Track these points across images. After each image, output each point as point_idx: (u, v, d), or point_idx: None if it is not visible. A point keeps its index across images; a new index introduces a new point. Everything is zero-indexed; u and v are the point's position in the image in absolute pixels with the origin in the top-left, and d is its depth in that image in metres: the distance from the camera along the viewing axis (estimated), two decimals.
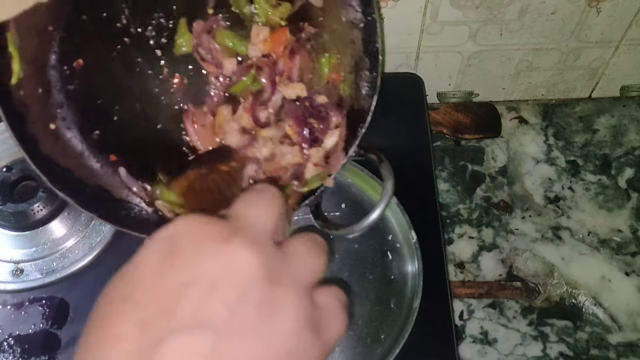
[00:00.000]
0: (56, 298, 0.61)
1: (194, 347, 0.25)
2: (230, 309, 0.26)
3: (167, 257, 0.27)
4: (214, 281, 0.26)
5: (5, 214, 0.62)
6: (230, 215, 0.30)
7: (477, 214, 0.71)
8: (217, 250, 0.27)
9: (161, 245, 0.28)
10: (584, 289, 0.65)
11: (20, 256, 0.63)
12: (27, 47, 0.42)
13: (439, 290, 0.60)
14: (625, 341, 0.62)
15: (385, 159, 0.54)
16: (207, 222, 0.29)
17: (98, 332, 0.27)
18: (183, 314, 0.26)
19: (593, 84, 0.77)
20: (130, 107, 0.48)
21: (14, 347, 0.59)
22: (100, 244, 0.63)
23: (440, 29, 0.67)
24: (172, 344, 0.25)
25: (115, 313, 0.27)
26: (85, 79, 0.46)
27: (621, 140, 0.75)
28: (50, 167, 0.44)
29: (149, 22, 0.47)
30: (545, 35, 0.68)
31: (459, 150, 0.75)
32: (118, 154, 0.48)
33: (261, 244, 0.28)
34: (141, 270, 0.28)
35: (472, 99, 0.79)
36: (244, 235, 0.28)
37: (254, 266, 0.27)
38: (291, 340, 0.27)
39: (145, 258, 0.28)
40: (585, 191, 0.72)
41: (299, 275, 0.29)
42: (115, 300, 0.28)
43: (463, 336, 0.63)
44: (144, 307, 0.26)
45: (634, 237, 0.68)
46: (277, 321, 0.27)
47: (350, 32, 0.51)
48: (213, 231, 0.28)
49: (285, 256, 0.29)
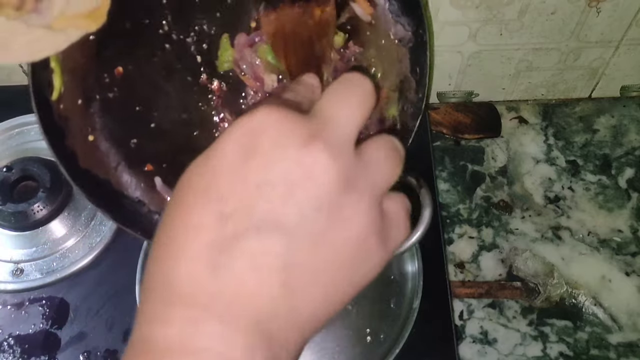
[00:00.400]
0: (56, 298, 0.61)
1: (269, 246, 0.26)
2: (304, 215, 0.27)
3: (246, 152, 0.27)
4: (291, 185, 0.27)
5: (5, 214, 0.62)
6: (316, 110, 0.29)
7: (477, 214, 0.71)
8: (296, 153, 0.27)
9: (241, 138, 0.28)
10: (584, 289, 0.65)
11: (20, 256, 0.63)
12: (68, 58, 0.41)
13: (439, 290, 0.61)
14: (626, 341, 0.62)
15: (425, 185, 0.54)
16: (289, 119, 0.28)
17: (178, 220, 0.27)
18: (261, 213, 0.26)
19: (593, 84, 0.77)
20: (167, 114, 0.48)
21: (14, 347, 0.59)
22: (100, 244, 0.63)
23: (440, 29, 0.67)
24: (250, 241, 0.26)
25: (196, 203, 0.27)
26: (124, 87, 0.45)
27: (621, 141, 0.75)
28: (88, 180, 0.44)
29: (190, 29, 0.47)
30: (545, 35, 0.68)
31: (459, 150, 0.75)
32: (154, 163, 0.48)
33: (342, 150, 0.28)
34: (221, 161, 0.28)
35: (472, 99, 0.79)
36: (325, 139, 0.27)
37: (331, 174, 0.27)
38: (358, 246, 0.28)
39: (225, 149, 0.28)
40: (585, 191, 0.72)
41: (373, 183, 0.29)
42: (195, 190, 0.28)
43: (463, 336, 0.63)
44: (225, 200, 0.27)
45: (634, 237, 0.68)
46: (347, 227, 0.28)
47: (397, 50, 0.50)
48: (295, 131, 0.27)
49: (363, 164, 0.29)
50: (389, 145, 0.31)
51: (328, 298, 0.28)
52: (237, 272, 0.26)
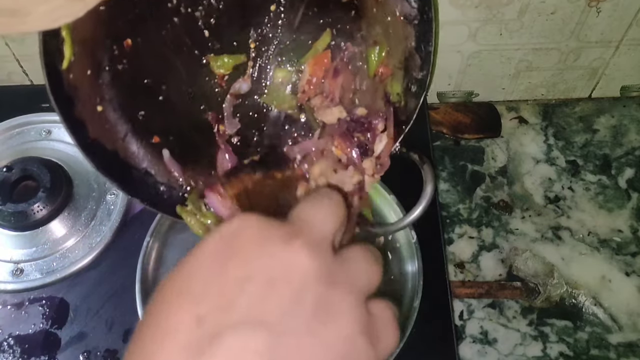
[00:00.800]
0: (56, 298, 0.61)
1: (250, 344, 0.25)
2: (286, 308, 0.26)
3: (226, 252, 0.28)
4: (272, 279, 0.27)
5: (5, 214, 0.62)
6: (292, 217, 0.30)
7: (477, 214, 0.71)
8: (276, 249, 0.27)
9: (221, 240, 0.28)
10: (584, 289, 0.65)
11: (20, 256, 0.63)
12: (79, 29, 0.41)
13: (439, 290, 0.60)
14: (626, 341, 0.62)
15: (428, 161, 0.54)
16: (268, 222, 0.29)
17: (154, 323, 0.27)
18: (240, 309, 0.26)
19: (593, 84, 0.77)
20: (175, 87, 0.49)
21: (14, 347, 0.59)
22: (100, 244, 0.63)
23: (440, 29, 0.67)
24: (229, 339, 0.25)
25: (172, 305, 0.27)
26: (133, 59, 0.46)
27: (621, 141, 0.75)
28: (97, 151, 0.45)
29: (199, 2, 0.47)
30: (545, 35, 0.68)
31: (458, 150, 0.75)
32: (161, 135, 0.49)
33: (321, 247, 0.29)
34: (199, 263, 0.28)
35: (472, 98, 0.79)
36: (304, 238, 0.28)
37: (312, 268, 0.27)
38: (346, 344, 0.27)
39: (204, 252, 0.28)
40: (585, 191, 0.72)
41: (355, 281, 0.29)
42: (172, 292, 0.28)
43: (463, 336, 0.63)
44: (201, 301, 0.26)
45: (634, 237, 0.68)
46: (333, 324, 0.27)
47: (403, 28, 0.50)
48: (274, 231, 0.28)
49: (344, 262, 0.29)
50: (366, 249, 0.31)
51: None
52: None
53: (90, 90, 0.44)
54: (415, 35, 0.50)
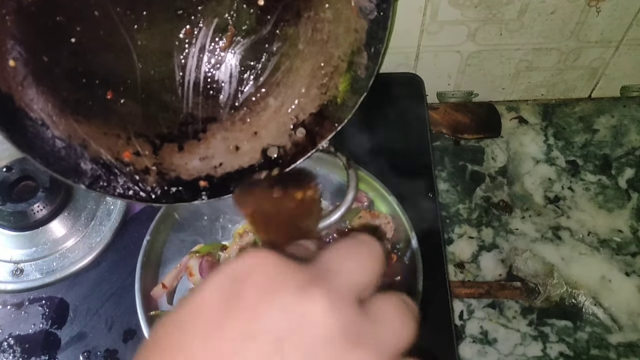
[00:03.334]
0: (56, 298, 0.61)
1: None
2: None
3: (230, 301, 0.23)
4: (280, 338, 0.22)
5: (5, 214, 0.62)
6: (315, 261, 0.26)
7: (477, 214, 0.70)
8: (290, 301, 0.23)
9: (226, 284, 0.24)
10: (584, 289, 0.65)
11: (20, 256, 0.63)
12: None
13: (439, 290, 0.60)
14: (626, 341, 0.62)
15: (354, 166, 0.51)
16: (285, 264, 0.24)
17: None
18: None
19: (593, 84, 0.77)
20: (91, 32, 0.45)
21: (14, 347, 0.59)
22: (100, 244, 0.63)
23: (440, 29, 0.67)
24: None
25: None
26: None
27: (621, 141, 0.75)
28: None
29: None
30: (545, 35, 0.68)
31: (458, 150, 0.75)
32: (67, 83, 0.45)
33: (345, 300, 0.24)
34: (196, 313, 0.24)
35: (472, 99, 0.79)
36: (325, 287, 0.23)
37: (330, 325, 0.23)
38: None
39: (203, 298, 0.24)
40: (585, 191, 0.72)
41: (382, 341, 0.24)
42: (163, 349, 0.24)
43: (463, 336, 0.63)
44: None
45: (634, 237, 0.68)
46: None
47: (355, 20, 0.48)
48: (290, 276, 0.24)
49: (369, 317, 0.25)
50: (400, 302, 0.27)
51: None
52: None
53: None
54: (367, 31, 0.48)
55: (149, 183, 0.50)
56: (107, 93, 0.49)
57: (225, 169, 0.53)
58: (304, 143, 0.53)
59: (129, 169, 0.49)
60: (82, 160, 0.47)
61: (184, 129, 0.53)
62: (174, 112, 0.53)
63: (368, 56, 0.49)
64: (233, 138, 0.54)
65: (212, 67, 0.53)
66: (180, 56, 0.52)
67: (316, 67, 0.51)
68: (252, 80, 0.53)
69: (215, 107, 0.54)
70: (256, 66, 0.53)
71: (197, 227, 0.63)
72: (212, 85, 0.53)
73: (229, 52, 0.53)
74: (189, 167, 0.52)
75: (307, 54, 0.52)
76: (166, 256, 0.62)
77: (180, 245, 0.62)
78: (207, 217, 0.63)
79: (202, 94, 0.53)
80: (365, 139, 0.69)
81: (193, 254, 0.60)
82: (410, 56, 0.72)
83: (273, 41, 0.52)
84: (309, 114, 0.53)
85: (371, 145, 0.68)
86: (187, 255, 0.60)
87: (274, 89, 0.54)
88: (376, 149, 0.68)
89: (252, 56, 0.53)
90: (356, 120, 0.71)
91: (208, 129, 0.54)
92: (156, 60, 0.51)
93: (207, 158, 0.53)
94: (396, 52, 0.71)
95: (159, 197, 0.50)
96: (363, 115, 0.71)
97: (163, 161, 0.51)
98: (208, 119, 0.54)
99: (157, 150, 0.51)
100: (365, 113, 0.71)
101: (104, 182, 0.48)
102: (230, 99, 0.54)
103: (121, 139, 0.49)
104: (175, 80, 0.52)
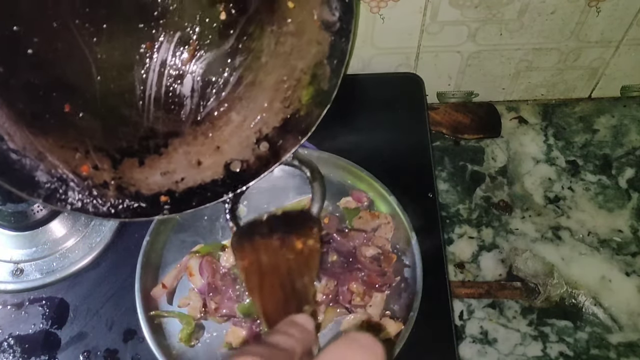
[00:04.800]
0: (56, 298, 0.61)
1: None
2: None
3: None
4: None
5: (5, 214, 0.62)
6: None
7: (477, 214, 0.70)
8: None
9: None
10: (584, 289, 0.65)
11: (20, 256, 0.63)
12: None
13: (439, 290, 0.60)
14: (626, 341, 0.62)
15: (319, 179, 0.50)
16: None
17: None
18: None
19: (593, 84, 0.77)
20: (49, 43, 0.45)
21: (14, 347, 0.59)
22: (100, 244, 0.63)
23: (440, 29, 0.67)
24: None
25: None
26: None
27: (622, 141, 0.75)
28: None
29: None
30: (545, 35, 0.68)
31: (458, 150, 0.75)
32: (23, 93, 0.44)
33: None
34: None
35: (472, 99, 0.79)
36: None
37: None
38: None
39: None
40: (585, 191, 0.72)
41: None
42: None
43: (463, 336, 0.63)
44: None
45: (634, 237, 0.68)
46: None
47: (318, 32, 0.48)
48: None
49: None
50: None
51: None
52: None
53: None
54: (330, 44, 0.48)
55: (108, 197, 0.49)
56: (65, 106, 0.48)
57: (188, 184, 0.53)
58: (267, 157, 0.53)
59: (87, 183, 0.48)
60: (38, 173, 0.46)
61: (144, 143, 0.52)
62: (134, 126, 0.52)
63: (331, 68, 0.49)
64: (195, 152, 0.53)
65: (173, 81, 0.53)
66: (141, 70, 0.51)
67: (279, 80, 0.51)
68: (215, 94, 0.53)
69: (176, 121, 0.53)
70: (218, 80, 0.53)
71: (197, 228, 0.63)
72: (173, 99, 0.53)
73: (191, 66, 0.53)
74: (150, 182, 0.52)
75: (270, 67, 0.52)
76: (166, 256, 0.62)
77: (181, 245, 0.62)
78: (207, 217, 0.63)
79: (164, 108, 0.53)
80: (365, 139, 0.69)
81: (193, 254, 0.60)
82: (411, 56, 0.72)
83: (236, 55, 0.52)
84: (273, 127, 0.53)
85: (371, 145, 0.68)
86: (187, 255, 0.60)
87: (236, 104, 0.53)
88: (376, 149, 0.68)
89: (214, 70, 0.53)
90: (356, 120, 0.71)
91: (170, 144, 0.53)
92: (116, 74, 0.50)
93: (169, 173, 0.52)
94: (396, 52, 0.71)
95: (119, 212, 0.50)
96: (363, 115, 0.71)
97: (123, 175, 0.51)
98: (170, 134, 0.53)
99: (116, 165, 0.51)
100: (365, 113, 0.72)
101: (60, 196, 0.47)
102: (192, 113, 0.54)
103: (79, 152, 0.49)
104: (135, 95, 0.52)
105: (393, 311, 0.59)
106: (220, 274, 0.58)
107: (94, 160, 0.49)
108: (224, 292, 0.57)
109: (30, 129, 0.46)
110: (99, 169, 0.49)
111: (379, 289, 0.57)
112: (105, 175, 0.49)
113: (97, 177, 0.49)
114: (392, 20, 0.66)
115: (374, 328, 0.49)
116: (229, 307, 0.56)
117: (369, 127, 0.70)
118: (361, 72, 0.74)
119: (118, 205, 0.50)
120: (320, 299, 0.57)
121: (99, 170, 0.49)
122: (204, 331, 0.58)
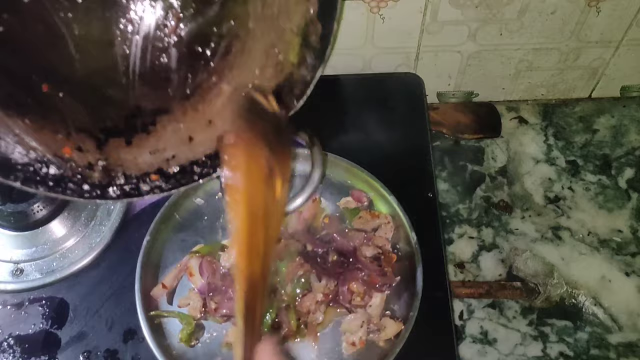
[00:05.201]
0: (56, 298, 0.61)
1: None
2: None
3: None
4: None
5: (5, 214, 0.62)
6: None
7: (477, 214, 0.70)
8: None
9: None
10: (584, 289, 0.65)
11: (20, 256, 0.63)
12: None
13: (439, 290, 0.60)
14: (625, 341, 0.62)
15: (318, 144, 0.48)
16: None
17: None
18: None
19: (593, 84, 0.77)
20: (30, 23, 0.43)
21: (14, 347, 0.59)
22: (100, 244, 0.63)
23: (440, 29, 0.67)
24: None
25: None
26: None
27: (621, 141, 0.75)
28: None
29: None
30: (545, 35, 0.68)
31: (458, 150, 0.75)
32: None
33: None
34: None
35: (472, 99, 0.79)
36: None
37: None
38: None
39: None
40: (585, 191, 0.72)
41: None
42: None
43: (463, 336, 0.63)
44: None
45: (634, 238, 0.68)
46: None
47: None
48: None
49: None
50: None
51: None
52: None
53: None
54: (320, 1, 0.46)
55: (94, 179, 0.47)
56: (42, 86, 0.46)
57: (179, 161, 0.50)
58: None
59: (70, 165, 0.46)
60: (15, 156, 0.44)
61: (131, 122, 0.50)
62: (119, 105, 0.50)
63: (322, 25, 0.47)
64: (186, 128, 0.51)
65: (158, 55, 0.50)
66: (122, 45, 0.49)
67: (269, 45, 0.49)
68: (202, 66, 0.50)
69: (164, 97, 0.51)
70: (205, 51, 0.50)
71: (198, 227, 0.63)
72: (159, 74, 0.51)
73: (176, 38, 0.50)
74: (139, 162, 0.49)
75: (259, 32, 0.49)
76: (166, 256, 0.62)
77: (181, 245, 0.62)
78: (208, 217, 0.63)
79: (149, 85, 0.50)
80: (365, 139, 0.69)
81: (193, 254, 0.60)
82: (411, 56, 0.72)
83: (222, 22, 0.49)
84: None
85: (371, 145, 0.68)
86: (187, 255, 0.60)
87: (226, 74, 0.51)
88: (376, 148, 0.68)
89: (200, 40, 0.50)
90: (356, 120, 0.71)
91: (158, 121, 0.51)
92: (96, 51, 0.48)
93: (159, 151, 0.50)
94: (396, 52, 0.71)
95: (106, 193, 0.48)
96: (363, 115, 0.71)
97: (109, 156, 0.49)
98: (157, 110, 0.51)
99: (101, 145, 0.49)
100: (365, 113, 0.72)
101: (41, 179, 0.45)
102: (180, 87, 0.51)
103: (60, 134, 0.47)
104: (118, 72, 0.49)
105: (393, 311, 0.59)
106: (220, 274, 0.58)
107: (77, 142, 0.47)
108: (224, 292, 0.57)
109: (5, 111, 0.44)
110: (82, 150, 0.47)
111: (379, 289, 0.57)
112: (89, 157, 0.48)
113: (80, 159, 0.47)
114: (392, 20, 0.66)
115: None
116: (229, 307, 0.57)
117: (369, 127, 0.70)
118: (361, 72, 0.74)
119: (105, 187, 0.48)
120: (320, 299, 0.57)
121: (82, 152, 0.47)
122: (204, 331, 0.58)
